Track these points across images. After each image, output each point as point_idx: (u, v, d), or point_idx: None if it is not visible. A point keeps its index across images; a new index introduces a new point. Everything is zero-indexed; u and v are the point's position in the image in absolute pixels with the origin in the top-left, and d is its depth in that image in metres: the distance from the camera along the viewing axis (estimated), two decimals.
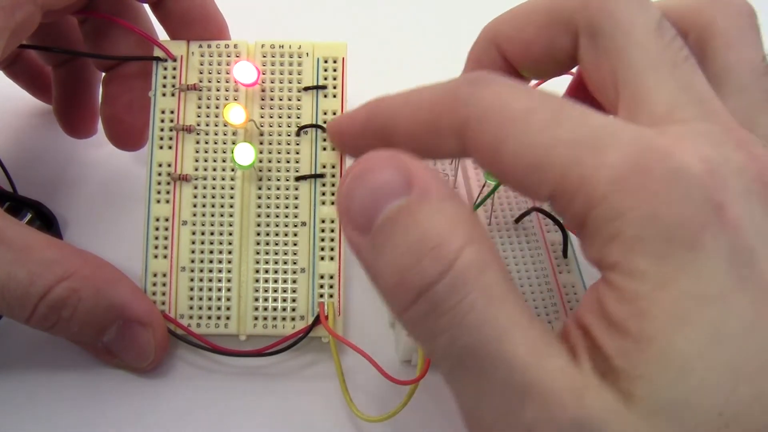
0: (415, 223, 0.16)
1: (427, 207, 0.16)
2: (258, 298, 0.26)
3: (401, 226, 0.16)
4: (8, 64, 0.30)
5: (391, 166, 0.17)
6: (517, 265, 0.27)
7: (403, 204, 0.16)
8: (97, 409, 0.25)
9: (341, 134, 0.24)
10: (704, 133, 0.17)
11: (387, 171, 0.17)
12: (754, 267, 0.15)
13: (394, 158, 0.17)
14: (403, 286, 0.16)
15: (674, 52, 0.18)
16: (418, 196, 0.16)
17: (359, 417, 0.24)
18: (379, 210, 0.17)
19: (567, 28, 0.21)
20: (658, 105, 0.18)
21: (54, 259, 0.22)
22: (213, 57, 0.27)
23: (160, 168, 0.26)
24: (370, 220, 0.17)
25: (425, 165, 0.17)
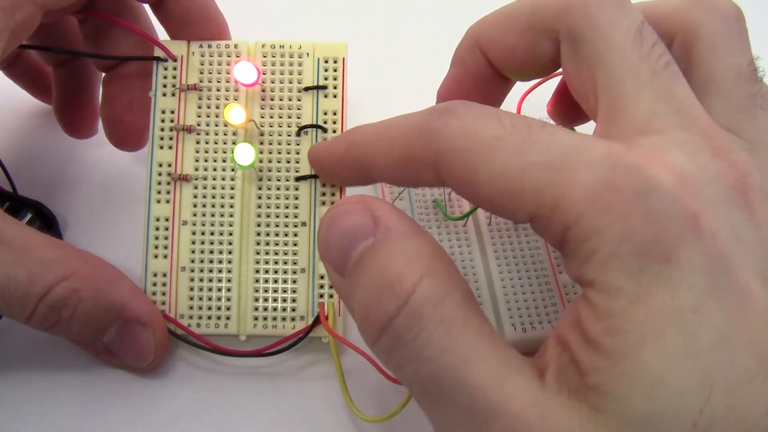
0: (378, 263, 0.18)
1: (388, 245, 0.18)
2: (258, 299, 0.26)
3: (367, 266, 0.18)
4: (8, 64, 0.30)
5: (358, 210, 0.19)
6: (517, 265, 0.27)
7: (370, 244, 0.18)
8: (96, 409, 0.25)
9: (321, 162, 0.25)
10: (681, 143, 0.17)
11: (355, 215, 0.18)
12: (731, 276, 0.15)
13: (361, 203, 0.19)
14: (368, 321, 0.18)
15: (654, 60, 0.18)
16: (382, 235, 0.18)
17: (359, 417, 0.24)
18: (351, 252, 0.18)
19: (548, 33, 0.21)
20: (635, 115, 0.18)
21: (54, 259, 0.22)
22: (213, 57, 0.27)
23: (160, 168, 0.26)
24: (345, 263, 0.18)
25: (389, 206, 0.19)
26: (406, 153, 0.19)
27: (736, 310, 0.15)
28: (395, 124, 0.20)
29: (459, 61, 0.25)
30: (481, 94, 0.25)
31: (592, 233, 0.16)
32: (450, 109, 0.19)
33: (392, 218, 0.18)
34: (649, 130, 0.18)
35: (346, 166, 0.23)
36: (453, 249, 0.28)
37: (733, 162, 0.17)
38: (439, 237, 0.28)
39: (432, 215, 0.28)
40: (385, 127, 0.20)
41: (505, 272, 0.27)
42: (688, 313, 0.15)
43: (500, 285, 0.27)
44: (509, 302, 0.26)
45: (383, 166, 0.21)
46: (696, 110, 0.18)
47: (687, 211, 0.15)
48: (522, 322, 0.26)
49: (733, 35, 0.20)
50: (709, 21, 0.20)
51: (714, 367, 0.15)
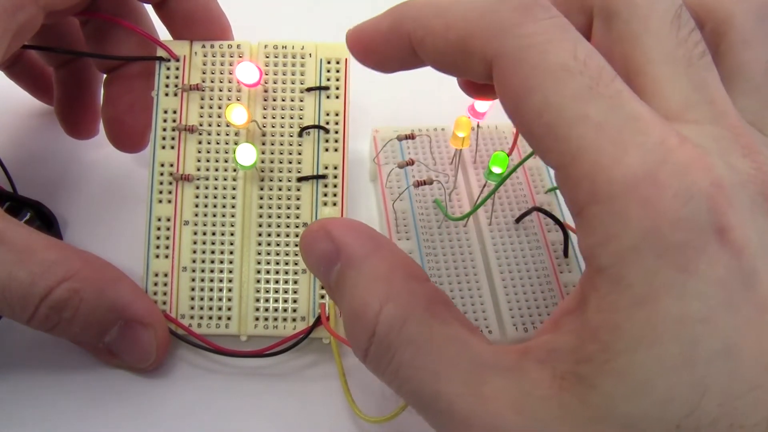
0: (347, 291, 0.19)
1: (351, 272, 0.19)
2: (259, 299, 0.26)
3: (340, 293, 0.19)
4: (10, 64, 0.30)
5: (321, 239, 0.19)
6: (518, 265, 0.27)
7: (339, 270, 0.19)
8: (97, 409, 0.25)
9: (362, 43, 0.22)
10: (713, 138, 0.17)
11: (320, 244, 0.19)
12: (753, 288, 0.15)
13: (321, 229, 0.19)
14: (353, 349, 0.19)
15: (690, 48, 0.18)
16: (345, 263, 0.19)
17: (361, 418, 0.24)
18: (330, 277, 0.19)
19: (582, 7, 0.20)
20: (670, 101, 0.17)
21: (55, 260, 0.22)
22: (216, 57, 0.27)
23: (162, 168, 0.26)
24: (328, 284, 0.20)
25: (346, 227, 0.19)
26: (463, 39, 0.18)
27: (749, 322, 0.15)
28: (457, 3, 0.18)
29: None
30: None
31: (620, 219, 0.15)
32: (526, 7, 0.17)
33: (349, 242, 0.19)
34: (683, 118, 0.17)
35: (391, 43, 0.21)
36: (453, 249, 0.28)
37: (760, 164, 0.16)
38: (439, 237, 0.28)
39: (432, 215, 0.28)
40: (443, 6, 0.19)
41: (506, 272, 0.27)
42: (693, 322, 0.15)
43: (501, 285, 0.27)
44: (510, 302, 0.26)
45: (433, 48, 0.19)
46: (726, 104, 0.17)
47: (718, 224, 0.15)
48: (524, 322, 0.26)
49: (766, 28, 0.20)
50: (742, 13, 0.20)
51: (710, 377, 0.14)
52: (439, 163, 0.29)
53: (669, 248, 0.15)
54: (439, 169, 0.29)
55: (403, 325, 0.18)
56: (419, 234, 0.28)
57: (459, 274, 0.27)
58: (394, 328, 0.18)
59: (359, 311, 0.18)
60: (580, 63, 0.16)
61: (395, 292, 0.18)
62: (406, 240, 0.28)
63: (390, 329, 0.18)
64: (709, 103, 0.17)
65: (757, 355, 0.15)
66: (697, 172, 0.15)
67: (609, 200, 0.15)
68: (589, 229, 0.16)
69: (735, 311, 0.15)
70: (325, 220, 0.20)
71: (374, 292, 0.18)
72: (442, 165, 0.29)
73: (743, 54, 0.19)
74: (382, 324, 0.18)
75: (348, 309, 0.19)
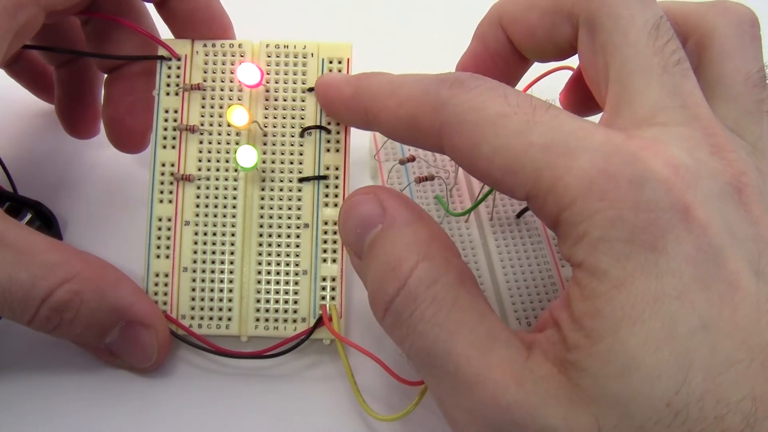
0: (383, 250, 0.20)
1: (392, 233, 0.20)
2: (260, 300, 0.26)
3: (376, 252, 0.20)
4: (11, 63, 0.30)
5: (368, 201, 0.20)
6: (520, 260, 0.27)
7: (378, 231, 0.20)
8: (98, 410, 0.25)
9: (327, 98, 0.25)
10: (681, 137, 0.18)
11: (366, 205, 0.20)
12: (720, 266, 0.16)
13: (371, 193, 0.21)
14: (375, 302, 0.20)
15: (666, 56, 0.19)
16: (388, 223, 0.20)
17: (373, 417, 0.24)
18: (364, 239, 0.20)
19: (569, 17, 0.21)
20: (641, 107, 0.19)
21: (56, 262, 0.22)
22: (217, 57, 0.26)
23: (163, 168, 0.26)
24: (360, 248, 0.20)
25: (396, 195, 0.21)
26: (412, 116, 0.20)
27: (722, 298, 0.16)
28: (406, 83, 0.21)
29: (480, 37, 0.25)
30: (499, 71, 0.25)
31: (585, 217, 0.16)
32: (460, 81, 0.19)
33: (397, 206, 0.20)
34: (652, 122, 0.18)
35: (350, 111, 0.24)
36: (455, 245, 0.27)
37: (730, 160, 0.18)
38: None
39: (434, 211, 0.28)
40: (396, 84, 0.21)
41: (508, 267, 0.27)
42: (669, 299, 0.15)
43: (503, 280, 0.27)
44: (513, 296, 0.26)
45: (387, 122, 0.21)
46: (701, 108, 0.19)
47: (679, 203, 0.16)
48: (526, 316, 0.26)
49: (746, 41, 0.21)
50: (724, 26, 0.21)
51: (692, 351, 0.15)
52: (440, 159, 0.29)
53: (635, 231, 0.16)
54: (440, 165, 0.29)
55: (433, 283, 0.19)
56: None
57: None
58: (424, 282, 0.19)
59: (394, 264, 0.19)
60: (514, 106, 0.18)
61: (432, 254, 0.19)
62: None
63: (421, 282, 0.19)
64: (681, 107, 0.18)
65: (733, 331, 0.15)
66: (649, 158, 0.16)
67: (572, 203, 0.17)
68: (564, 235, 0.17)
69: (707, 288, 0.16)
70: (373, 186, 0.21)
71: (412, 250, 0.19)
72: (442, 161, 0.29)
73: (724, 65, 0.21)
74: (414, 277, 0.19)
75: (381, 264, 0.19)
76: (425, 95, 0.20)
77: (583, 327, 0.16)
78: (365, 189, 0.21)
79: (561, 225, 0.17)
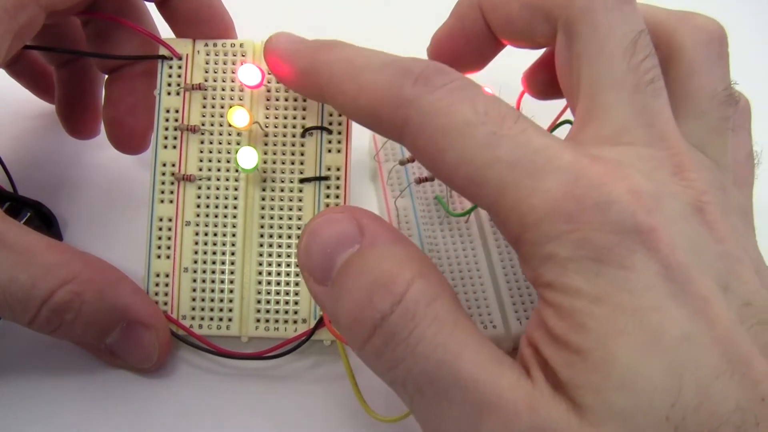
0: (368, 266, 0.18)
1: (376, 250, 0.18)
2: (260, 300, 0.25)
3: (355, 271, 0.18)
4: (11, 62, 0.30)
5: (343, 219, 0.19)
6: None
7: (356, 251, 0.18)
8: (98, 410, 0.25)
9: (276, 68, 0.24)
10: (644, 158, 0.18)
11: (340, 224, 0.18)
12: (689, 284, 0.16)
13: (346, 212, 0.19)
14: (359, 321, 0.17)
15: (641, 74, 0.19)
16: (369, 242, 0.18)
17: (374, 417, 0.23)
18: (336, 260, 0.18)
19: (548, 17, 0.21)
20: (608, 125, 0.19)
21: (56, 263, 0.22)
22: (219, 56, 0.26)
23: (164, 168, 0.26)
24: (328, 271, 0.18)
25: (374, 216, 0.19)
26: (373, 108, 0.19)
27: (696, 313, 0.16)
28: (366, 68, 0.19)
29: (457, 15, 0.25)
30: (473, 50, 0.25)
31: (551, 238, 0.16)
32: (426, 78, 0.18)
33: (377, 227, 0.18)
34: (618, 141, 0.18)
35: (303, 87, 0.22)
36: (456, 245, 0.28)
37: (691, 180, 0.18)
38: (441, 233, 0.28)
39: (434, 212, 0.28)
40: (356, 68, 0.20)
41: (508, 267, 0.27)
42: (648, 311, 0.15)
43: (504, 280, 0.27)
44: (513, 297, 0.27)
45: (344, 107, 0.20)
46: (667, 127, 0.18)
47: (643, 225, 0.16)
48: (527, 316, 0.26)
49: (713, 59, 0.21)
50: (692, 43, 0.21)
51: (681, 362, 0.15)
52: None
53: (603, 251, 0.16)
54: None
55: (432, 301, 0.17)
56: (421, 231, 0.28)
57: (462, 270, 0.27)
58: (424, 299, 0.17)
59: (384, 280, 0.17)
60: (481, 115, 0.17)
61: (427, 272, 0.18)
62: (408, 237, 0.28)
63: (419, 299, 0.17)
64: (647, 126, 0.18)
65: (712, 343, 0.15)
66: (613, 183, 0.16)
67: (537, 224, 0.16)
68: (527, 255, 0.17)
69: (681, 303, 0.16)
70: (346, 206, 0.20)
71: (405, 266, 0.17)
72: None
73: (691, 83, 0.20)
74: (412, 292, 0.17)
75: (366, 281, 0.17)
76: (387, 88, 0.19)
77: (569, 344, 0.16)
78: (337, 208, 0.19)
79: (523, 244, 0.17)
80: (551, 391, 0.16)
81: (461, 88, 0.18)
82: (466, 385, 0.16)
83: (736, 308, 0.16)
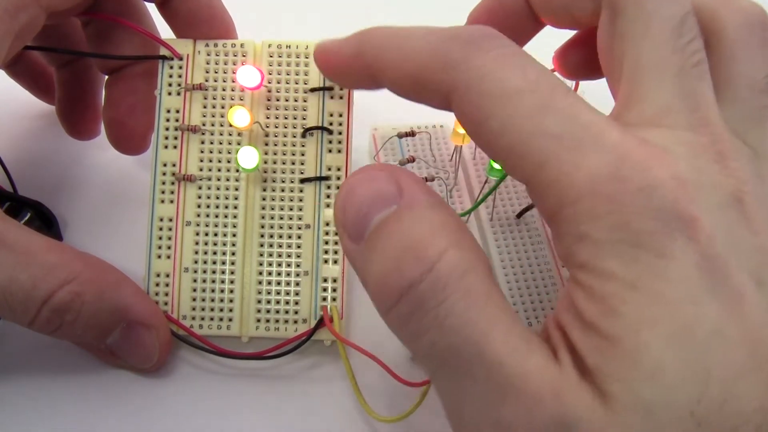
0: (402, 229, 0.17)
1: (413, 214, 0.17)
2: (261, 300, 0.25)
3: (389, 232, 0.17)
4: (11, 63, 0.30)
5: (382, 178, 0.18)
6: (520, 260, 0.27)
7: (392, 211, 0.17)
8: (99, 410, 0.25)
9: (328, 64, 0.23)
10: (686, 143, 0.17)
11: (379, 183, 0.18)
12: (726, 277, 0.15)
13: (386, 171, 0.18)
14: (386, 286, 0.17)
15: (686, 57, 0.18)
16: (407, 204, 0.17)
17: (374, 418, 0.24)
18: (371, 218, 0.17)
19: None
20: (651, 106, 0.18)
21: (57, 263, 0.22)
22: (219, 56, 0.26)
23: (164, 168, 0.26)
24: (363, 229, 0.18)
25: (416, 178, 0.18)
26: (419, 72, 0.19)
27: (730, 306, 0.15)
28: (413, 36, 0.19)
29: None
30: (511, 29, 0.23)
31: (590, 218, 0.16)
32: (474, 40, 0.18)
33: (417, 189, 0.18)
34: (659, 123, 0.18)
35: (353, 71, 0.22)
36: None
37: (733, 169, 0.17)
38: None
39: None
40: (402, 37, 0.19)
41: (508, 267, 0.27)
42: (684, 303, 0.15)
43: (504, 280, 0.27)
44: (513, 297, 0.27)
45: (393, 78, 0.20)
46: (711, 112, 0.18)
47: (685, 213, 0.16)
48: (527, 316, 0.26)
49: (754, 45, 0.20)
50: (733, 28, 0.20)
51: (710, 358, 0.15)
52: (439, 160, 0.29)
53: (642, 236, 0.15)
54: (440, 166, 0.29)
55: (466, 273, 0.16)
56: None
57: None
58: (456, 270, 0.16)
59: (416, 245, 0.16)
60: (532, 83, 0.17)
61: (463, 242, 0.17)
62: None
63: (452, 270, 0.16)
64: (690, 111, 0.18)
65: (742, 339, 0.15)
66: (658, 168, 0.16)
67: (576, 202, 0.16)
68: (562, 231, 0.17)
69: (715, 296, 0.15)
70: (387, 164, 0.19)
71: (440, 234, 0.17)
72: (442, 162, 0.29)
73: (731, 68, 0.20)
74: (444, 262, 0.16)
75: (396, 244, 0.17)
76: (434, 52, 0.18)
77: (599, 329, 0.15)
78: (378, 165, 0.19)
79: (560, 221, 0.17)
80: (578, 378, 0.15)
81: (512, 55, 0.17)
82: (492, 366, 0.16)
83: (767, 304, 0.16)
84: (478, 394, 0.16)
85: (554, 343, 0.17)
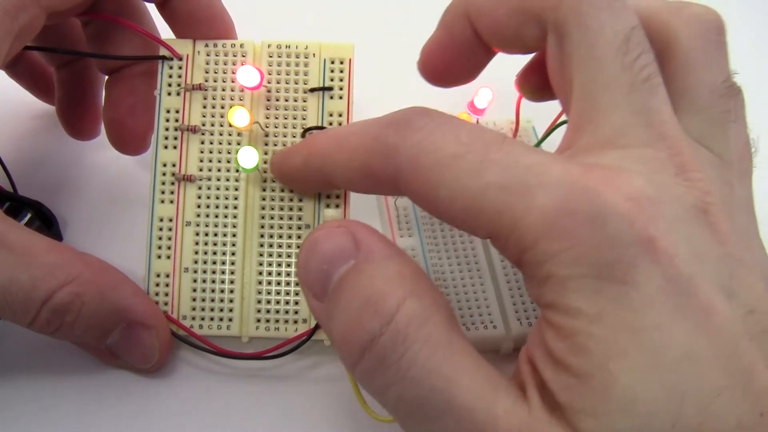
0: (361, 283, 0.17)
1: (370, 266, 0.18)
2: (261, 300, 0.25)
3: (348, 287, 0.18)
4: (11, 64, 0.30)
5: (339, 234, 0.18)
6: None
7: (351, 266, 0.18)
8: (99, 410, 0.25)
9: (284, 178, 0.25)
10: (644, 160, 0.17)
11: (336, 239, 0.18)
12: (691, 295, 0.15)
13: (342, 227, 0.19)
14: (349, 342, 0.17)
15: (635, 72, 0.18)
16: (364, 257, 0.18)
17: (374, 418, 0.23)
18: (332, 275, 0.18)
19: (537, 20, 0.20)
20: (604, 128, 0.18)
21: (57, 263, 0.22)
22: (219, 57, 0.26)
23: (164, 168, 0.26)
24: (325, 286, 0.18)
25: (371, 230, 0.19)
26: (366, 166, 0.19)
27: (698, 327, 0.15)
28: (352, 133, 0.20)
29: (445, 25, 0.24)
30: (465, 60, 0.24)
31: (549, 257, 0.16)
32: (407, 122, 0.18)
33: (373, 240, 0.18)
34: (615, 144, 0.18)
35: (307, 178, 0.23)
36: (456, 245, 0.28)
37: (695, 181, 0.17)
38: (441, 233, 0.28)
39: None
40: (343, 138, 0.20)
41: (508, 267, 0.27)
42: (649, 330, 0.15)
43: (504, 280, 0.27)
44: (514, 296, 0.27)
45: (344, 178, 0.21)
46: (668, 125, 0.18)
47: (642, 235, 0.15)
48: (527, 316, 0.26)
49: (711, 50, 0.20)
50: (688, 36, 0.20)
51: (681, 382, 0.15)
52: None
53: (602, 268, 0.15)
54: None
55: (425, 322, 0.17)
56: (421, 230, 0.28)
57: (462, 270, 0.27)
58: (414, 321, 0.17)
59: (375, 299, 0.17)
60: (466, 145, 0.17)
61: (420, 291, 0.17)
62: (408, 237, 0.28)
63: (411, 321, 0.16)
64: (646, 127, 0.18)
65: (713, 358, 0.15)
66: (609, 192, 0.16)
67: (535, 244, 0.16)
68: (529, 275, 0.17)
69: (683, 317, 0.15)
70: (343, 219, 0.20)
71: (398, 284, 0.17)
72: None
73: (688, 77, 0.20)
74: (403, 314, 0.17)
75: (356, 299, 0.17)
76: (374, 142, 0.19)
77: (569, 367, 0.15)
78: (334, 222, 0.19)
79: (525, 265, 0.17)
80: (548, 416, 0.16)
81: (442, 124, 0.18)
82: (461, 413, 0.16)
83: (740, 316, 0.16)
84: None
85: (524, 377, 0.17)
